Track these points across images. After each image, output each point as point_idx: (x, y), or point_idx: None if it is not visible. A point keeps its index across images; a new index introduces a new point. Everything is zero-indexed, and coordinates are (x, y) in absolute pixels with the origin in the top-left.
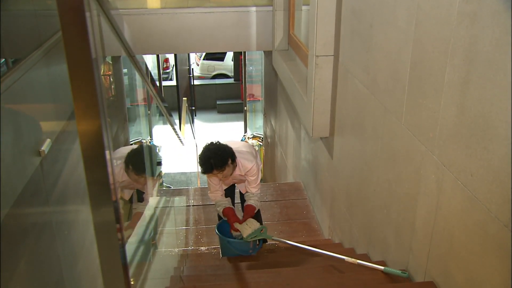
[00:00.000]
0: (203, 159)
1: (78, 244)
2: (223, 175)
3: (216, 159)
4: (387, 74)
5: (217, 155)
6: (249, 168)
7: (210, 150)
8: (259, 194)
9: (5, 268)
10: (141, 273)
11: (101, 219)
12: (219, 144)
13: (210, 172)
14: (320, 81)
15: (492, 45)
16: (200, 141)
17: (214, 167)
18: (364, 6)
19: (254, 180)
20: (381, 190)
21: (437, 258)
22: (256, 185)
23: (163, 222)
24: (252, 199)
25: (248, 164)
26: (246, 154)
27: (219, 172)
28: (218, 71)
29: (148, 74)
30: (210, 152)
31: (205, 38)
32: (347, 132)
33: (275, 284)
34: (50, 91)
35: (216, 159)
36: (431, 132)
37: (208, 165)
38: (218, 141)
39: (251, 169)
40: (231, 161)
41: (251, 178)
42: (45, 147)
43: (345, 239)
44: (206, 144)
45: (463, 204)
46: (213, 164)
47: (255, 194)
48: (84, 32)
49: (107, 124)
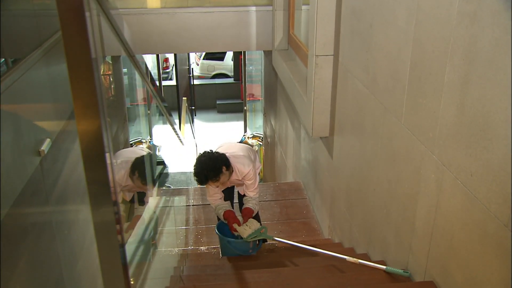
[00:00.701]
0: (197, 173)
1: (78, 243)
2: (220, 183)
3: (209, 170)
4: (387, 74)
5: (210, 166)
6: (246, 172)
7: (202, 162)
8: (257, 198)
9: (5, 267)
10: (141, 273)
11: (101, 219)
12: (211, 153)
13: (206, 183)
14: (320, 81)
15: (492, 45)
16: (200, 140)
17: (209, 179)
18: (364, 6)
19: (251, 184)
20: (381, 190)
21: (437, 258)
22: (254, 189)
23: (163, 222)
24: (251, 202)
25: (245, 169)
26: (243, 158)
27: (215, 182)
28: (218, 71)
29: (148, 74)
30: (202, 164)
31: (205, 38)
32: (347, 132)
33: (275, 284)
34: (50, 91)
35: (209, 170)
36: (431, 131)
37: (203, 177)
38: (210, 150)
39: (248, 174)
40: (226, 168)
41: (248, 182)
42: (45, 147)
43: (345, 238)
44: (198, 156)
45: (463, 204)
46: (207, 176)
47: (253, 198)
48: (84, 32)
49: (107, 124)
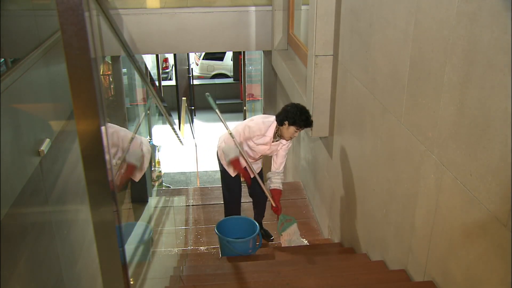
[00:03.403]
0: (307, 113)
1: (77, 243)
2: (289, 135)
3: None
4: (387, 74)
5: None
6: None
7: (306, 109)
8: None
9: (5, 267)
10: (140, 273)
11: (101, 219)
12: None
13: (303, 127)
14: (319, 81)
15: (491, 45)
16: (200, 140)
17: (311, 125)
18: (364, 6)
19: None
20: (381, 190)
21: (437, 258)
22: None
23: (163, 222)
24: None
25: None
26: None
27: (300, 131)
28: (217, 71)
29: (148, 74)
30: (307, 111)
31: (204, 38)
32: (347, 132)
33: (275, 284)
34: (50, 91)
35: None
36: (431, 131)
37: (310, 121)
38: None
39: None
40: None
41: (283, 153)
42: (45, 147)
43: (345, 238)
44: (294, 104)
45: (462, 204)
46: (312, 122)
47: (280, 172)
48: (83, 32)
49: (106, 124)
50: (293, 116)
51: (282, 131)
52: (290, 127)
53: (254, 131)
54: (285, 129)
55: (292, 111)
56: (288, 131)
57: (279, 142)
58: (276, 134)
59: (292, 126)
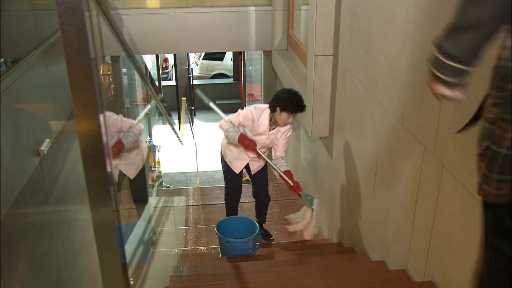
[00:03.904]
0: (298, 98)
1: (77, 243)
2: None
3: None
4: (387, 74)
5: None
6: (289, 126)
7: (298, 94)
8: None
9: (5, 267)
10: (140, 273)
11: (100, 219)
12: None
13: (295, 112)
14: (319, 81)
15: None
16: (200, 140)
17: (304, 109)
18: (364, 6)
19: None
20: (381, 190)
21: (437, 258)
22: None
23: (163, 222)
24: (284, 162)
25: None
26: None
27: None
28: (217, 71)
29: (148, 74)
30: (300, 96)
31: (204, 38)
32: (347, 132)
33: (275, 284)
34: (49, 91)
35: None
36: (431, 131)
37: (302, 105)
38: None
39: (290, 128)
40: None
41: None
42: (45, 147)
43: (345, 238)
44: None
45: (462, 204)
46: (304, 106)
47: (284, 157)
48: (83, 32)
49: (106, 124)
50: (284, 101)
51: (275, 117)
52: (282, 113)
53: (246, 114)
54: (277, 115)
55: (282, 97)
56: (281, 117)
57: (277, 130)
58: (272, 121)
59: (284, 112)
